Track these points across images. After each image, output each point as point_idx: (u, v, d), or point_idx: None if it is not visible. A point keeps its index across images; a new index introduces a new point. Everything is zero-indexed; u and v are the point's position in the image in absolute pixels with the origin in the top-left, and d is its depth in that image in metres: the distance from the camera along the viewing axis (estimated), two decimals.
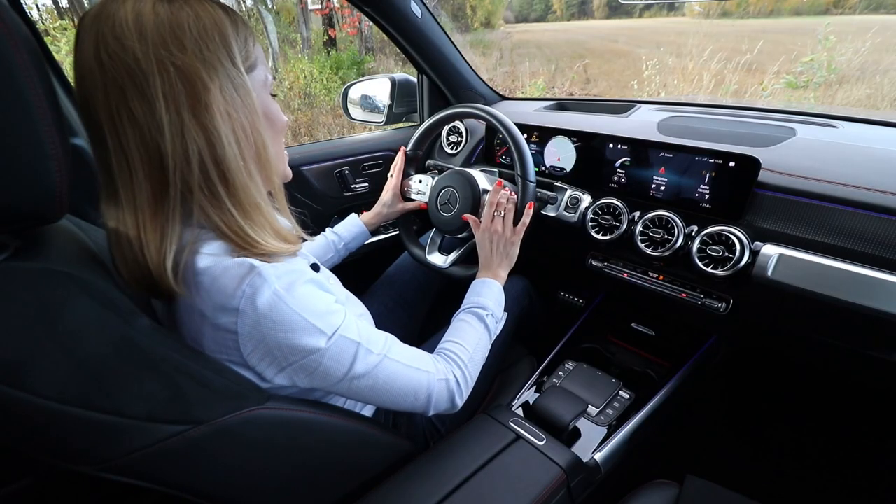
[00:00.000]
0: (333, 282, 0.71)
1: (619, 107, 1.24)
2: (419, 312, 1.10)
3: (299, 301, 0.48)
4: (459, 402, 0.65)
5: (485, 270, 0.83)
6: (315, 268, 0.62)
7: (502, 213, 0.83)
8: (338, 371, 0.52)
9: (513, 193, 0.86)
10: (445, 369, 0.64)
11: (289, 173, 0.60)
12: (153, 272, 0.46)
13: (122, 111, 0.43)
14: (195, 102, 0.44)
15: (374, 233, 1.08)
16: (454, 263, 0.96)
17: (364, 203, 1.37)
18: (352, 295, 0.75)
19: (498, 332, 0.78)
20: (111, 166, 0.45)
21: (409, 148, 1.07)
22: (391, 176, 1.07)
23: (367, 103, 1.46)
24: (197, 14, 0.45)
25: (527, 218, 0.85)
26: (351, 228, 1.01)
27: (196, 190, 0.46)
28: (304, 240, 0.60)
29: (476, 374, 0.69)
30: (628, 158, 0.94)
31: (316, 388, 0.53)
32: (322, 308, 0.51)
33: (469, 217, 0.87)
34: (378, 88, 1.42)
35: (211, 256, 0.47)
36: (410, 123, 1.48)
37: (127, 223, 0.46)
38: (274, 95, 0.56)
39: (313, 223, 1.26)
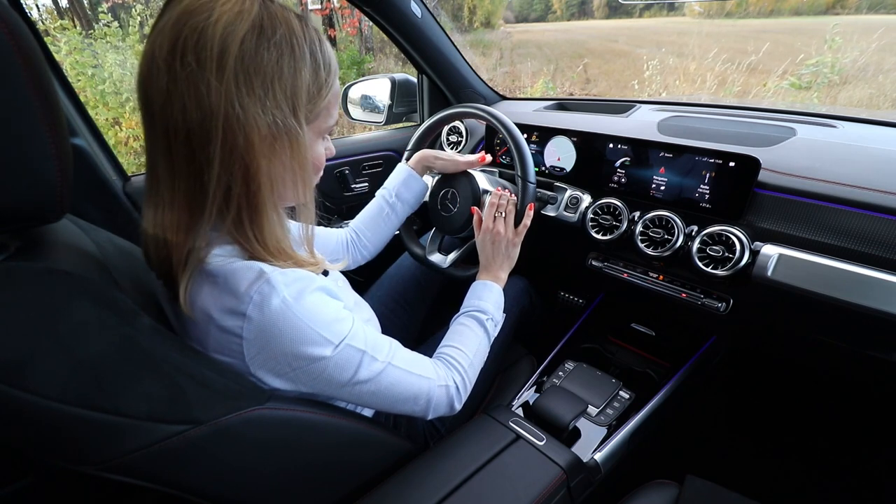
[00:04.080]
0: (342, 284, 0.70)
1: (619, 107, 1.24)
2: (419, 312, 1.10)
3: (308, 310, 0.48)
4: (458, 407, 0.66)
5: (485, 272, 0.83)
6: (324, 272, 0.62)
7: (503, 214, 0.83)
8: (341, 378, 0.52)
9: (513, 195, 0.86)
10: (446, 375, 0.65)
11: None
12: (174, 270, 0.47)
13: (179, 127, 0.42)
14: (248, 147, 0.44)
15: None
16: (454, 263, 0.96)
17: (364, 203, 1.36)
18: (361, 299, 0.75)
19: (496, 336, 0.78)
20: (158, 166, 0.46)
21: (409, 147, 1.07)
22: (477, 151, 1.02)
23: (367, 103, 1.46)
24: (280, 56, 0.43)
25: (528, 220, 0.85)
26: (395, 177, 0.93)
27: (227, 220, 0.47)
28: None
29: (475, 379, 0.70)
30: (628, 158, 0.94)
31: (317, 392, 0.53)
32: (330, 317, 0.50)
33: (475, 210, 0.87)
34: (378, 88, 1.42)
35: (221, 257, 0.48)
36: (410, 123, 1.48)
37: (165, 222, 0.47)
38: (330, 135, 0.56)
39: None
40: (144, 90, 0.43)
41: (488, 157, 0.94)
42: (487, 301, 0.77)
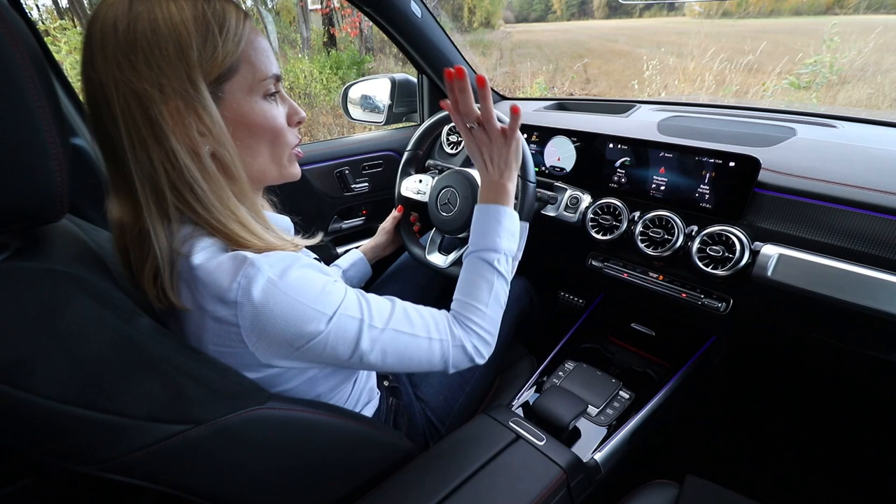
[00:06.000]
0: (334, 270, 0.70)
1: (619, 107, 1.24)
2: None
3: (294, 286, 0.48)
4: (481, 361, 0.65)
5: (485, 189, 0.71)
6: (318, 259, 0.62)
7: (475, 125, 0.68)
8: (345, 349, 0.52)
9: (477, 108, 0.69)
10: (461, 335, 0.63)
11: (296, 173, 0.59)
12: (135, 263, 0.49)
13: (99, 125, 0.46)
14: (151, 124, 0.45)
15: (370, 233, 1.07)
16: (454, 263, 0.96)
17: (364, 203, 1.37)
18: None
19: (516, 268, 0.73)
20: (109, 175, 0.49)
21: (409, 148, 1.07)
22: (385, 225, 1.08)
23: (367, 103, 1.46)
24: (154, 25, 0.43)
25: (514, 123, 0.67)
26: (349, 257, 1.01)
27: (168, 197, 0.47)
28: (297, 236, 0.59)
29: (497, 327, 0.67)
30: (628, 158, 0.94)
31: (330, 365, 0.54)
32: (318, 289, 0.50)
33: (444, 103, 0.70)
34: (378, 88, 1.42)
35: (205, 251, 0.48)
36: (410, 123, 1.48)
37: (122, 220, 0.49)
38: (274, 93, 0.53)
39: (313, 223, 1.26)
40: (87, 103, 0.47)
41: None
42: (493, 235, 0.68)
